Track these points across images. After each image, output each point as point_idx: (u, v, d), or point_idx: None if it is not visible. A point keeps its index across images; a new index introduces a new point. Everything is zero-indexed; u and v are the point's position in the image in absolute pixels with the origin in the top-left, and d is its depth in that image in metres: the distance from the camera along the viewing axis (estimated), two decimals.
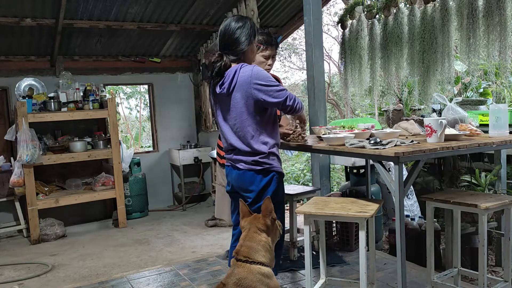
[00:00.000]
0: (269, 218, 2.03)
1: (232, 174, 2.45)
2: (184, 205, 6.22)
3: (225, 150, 2.50)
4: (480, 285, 2.33)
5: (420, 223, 3.47)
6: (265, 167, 2.33)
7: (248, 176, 2.35)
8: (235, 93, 2.28)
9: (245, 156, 2.35)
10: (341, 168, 7.03)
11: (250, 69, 2.27)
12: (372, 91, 4.11)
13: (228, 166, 2.49)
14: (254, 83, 2.24)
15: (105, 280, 3.51)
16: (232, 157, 2.42)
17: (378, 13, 3.62)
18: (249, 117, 2.29)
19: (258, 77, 2.25)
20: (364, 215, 2.16)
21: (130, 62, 6.24)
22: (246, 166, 2.35)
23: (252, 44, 2.40)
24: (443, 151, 2.13)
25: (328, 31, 12.96)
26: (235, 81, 2.27)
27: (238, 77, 2.26)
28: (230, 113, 2.34)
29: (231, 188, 2.51)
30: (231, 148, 2.41)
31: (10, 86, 5.52)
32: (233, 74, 2.28)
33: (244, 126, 2.31)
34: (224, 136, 2.44)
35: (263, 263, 1.94)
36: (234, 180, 2.44)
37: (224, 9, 5.32)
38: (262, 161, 2.33)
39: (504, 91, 4.18)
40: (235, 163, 2.40)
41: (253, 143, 2.31)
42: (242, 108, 2.29)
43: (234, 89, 2.28)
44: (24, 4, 4.59)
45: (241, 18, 2.38)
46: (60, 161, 5.12)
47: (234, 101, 2.30)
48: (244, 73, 2.26)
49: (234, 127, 2.34)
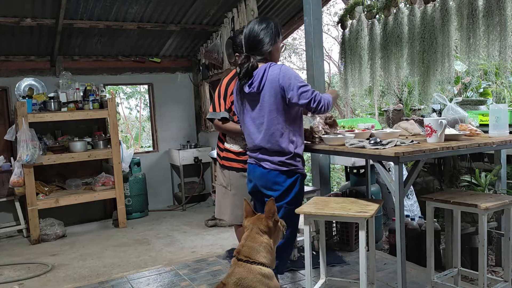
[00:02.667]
0: (271, 220, 2.02)
1: (255, 173, 2.48)
2: (184, 205, 6.22)
3: (249, 149, 2.53)
4: (480, 285, 2.33)
5: (420, 223, 3.47)
6: (290, 168, 2.39)
7: (272, 175, 2.40)
8: (264, 92, 2.34)
9: (271, 156, 2.39)
10: (341, 168, 7.03)
11: (279, 68, 2.34)
12: (372, 91, 4.12)
13: (252, 164, 2.52)
14: (283, 81, 2.30)
15: (105, 280, 3.51)
16: (257, 156, 2.45)
17: (378, 13, 3.62)
18: (278, 115, 2.35)
19: (286, 74, 2.31)
20: (364, 215, 2.16)
21: (130, 62, 6.25)
22: (272, 166, 2.39)
23: (277, 43, 2.47)
24: (443, 151, 2.13)
25: (328, 31, 12.94)
26: (264, 79, 2.33)
27: (268, 75, 2.33)
28: (259, 112, 2.39)
29: (253, 187, 2.54)
30: (257, 148, 2.44)
31: (10, 86, 5.52)
32: (262, 73, 2.34)
33: (273, 124, 2.36)
34: (250, 136, 2.48)
35: (264, 263, 1.94)
36: (257, 178, 2.48)
37: (224, 9, 5.32)
38: (288, 162, 2.38)
39: (504, 91, 4.18)
40: (260, 162, 2.44)
41: (282, 142, 2.36)
42: (271, 107, 2.34)
43: (264, 87, 2.34)
44: (24, 4, 4.59)
45: (264, 19, 2.45)
46: (60, 161, 5.12)
47: (264, 100, 2.36)
48: (273, 72, 2.33)
49: (262, 125, 2.39)
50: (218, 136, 3.00)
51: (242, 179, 2.81)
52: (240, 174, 2.82)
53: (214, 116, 2.85)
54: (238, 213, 2.82)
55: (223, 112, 2.81)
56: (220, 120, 2.82)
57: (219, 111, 2.83)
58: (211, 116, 2.88)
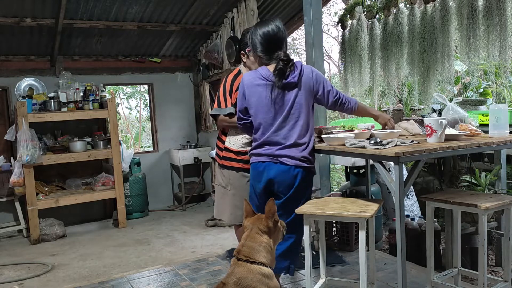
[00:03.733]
0: (271, 220, 2.02)
1: (271, 170, 2.44)
2: (184, 205, 6.22)
3: (260, 144, 2.49)
4: (480, 285, 2.33)
5: (420, 223, 3.47)
6: (309, 166, 2.46)
7: (295, 172, 2.42)
8: (301, 84, 2.43)
9: (291, 149, 2.42)
10: (341, 168, 7.03)
11: (310, 66, 2.51)
12: (372, 91, 4.12)
13: (264, 162, 2.47)
14: (317, 78, 2.46)
15: (105, 280, 3.51)
16: (273, 152, 2.43)
17: (378, 13, 3.62)
18: (305, 110, 2.43)
19: (319, 74, 2.49)
20: (364, 215, 2.16)
21: (130, 62, 6.25)
22: (294, 162, 2.41)
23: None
24: (443, 151, 2.13)
25: (328, 31, 12.95)
26: (302, 72, 2.44)
27: (303, 70, 2.45)
28: (289, 104, 2.43)
29: (265, 184, 2.48)
30: (272, 142, 2.44)
31: (10, 86, 5.52)
32: (300, 66, 2.45)
33: (301, 119, 2.43)
34: (264, 130, 2.47)
35: (264, 263, 1.94)
36: (274, 175, 2.43)
37: (224, 9, 5.32)
38: (310, 158, 2.46)
39: (504, 91, 4.18)
40: (278, 158, 2.43)
41: (305, 136, 2.44)
42: (301, 100, 2.43)
43: (301, 80, 2.43)
44: (24, 4, 4.59)
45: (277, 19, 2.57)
46: (60, 161, 5.12)
47: (299, 93, 2.43)
48: (307, 68, 2.47)
49: (289, 118, 2.43)
50: (218, 136, 2.99)
51: (242, 179, 2.80)
52: (240, 174, 2.81)
53: (220, 112, 2.84)
54: (237, 213, 2.81)
55: (230, 108, 2.80)
56: (227, 115, 2.82)
57: (225, 107, 2.83)
58: (216, 112, 2.87)
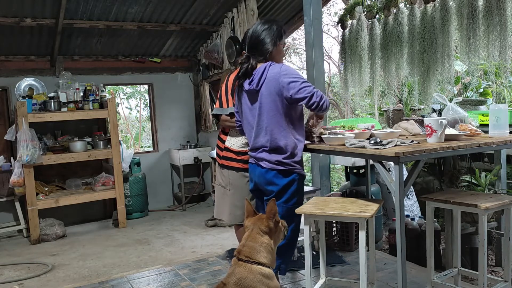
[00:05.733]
0: (272, 221, 2.02)
1: (255, 172, 2.52)
2: (184, 205, 6.22)
3: (250, 148, 2.56)
4: (480, 285, 2.33)
5: (420, 223, 3.47)
6: (287, 168, 2.40)
7: (270, 175, 2.42)
8: (263, 89, 2.36)
9: (270, 154, 2.41)
10: (341, 168, 7.03)
11: (279, 66, 2.37)
12: (372, 91, 4.11)
13: (252, 164, 2.55)
14: (283, 79, 2.31)
15: (105, 280, 3.51)
16: (257, 155, 2.48)
17: (378, 13, 3.62)
18: (277, 114, 2.36)
19: (287, 73, 2.33)
20: (364, 215, 2.16)
21: (130, 62, 6.25)
22: (269, 165, 2.41)
23: (278, 45, 2.48)
24: (443, 151, 2.13)
25: (328, 31, 12.94)
26: (264, 77, 2.36)
27: (267, 73, 2.36)
28: (258, 111, 2.40)
29: (254, 186, 2.58)
30: (257, 147, 2.47)
31: (10, 86, 5.52)
32: (262, 71, 2.37)
33: (272, 123, 2.37)
34: (250, 135, 2.50)
35: (265, 264, 1.94)
36: (257, 177, 2.52)
37: (224, 9, 5.32)
38: (285, 162, 2.39)
39: (504, 91, 4.18)
40: (258, 161, 2.47)
41: (280, 141, 2.37)
42: (270, 104, 2.36)
43: (263, 85, 2.36)
44: (24, 4, 4.59)
45: (267, 21, 2.49)
46: (60, 161, 5.12)
47: (263, 98, 2.37)
48: (273, 70, 2.36)
49: (261, 124, 2.41)
50: (218, 135, 3.00)
51: (241, 178, 2.81)
52: (240, 174, 2.82)
53: (221, 112, 2.85)
54: (237, 213, 2.82)
55: (231, 108, 2.81)
56: (228, 115, 2.83)
57: (227, 107, 2.83)
58: (217, 112, 2.87)
